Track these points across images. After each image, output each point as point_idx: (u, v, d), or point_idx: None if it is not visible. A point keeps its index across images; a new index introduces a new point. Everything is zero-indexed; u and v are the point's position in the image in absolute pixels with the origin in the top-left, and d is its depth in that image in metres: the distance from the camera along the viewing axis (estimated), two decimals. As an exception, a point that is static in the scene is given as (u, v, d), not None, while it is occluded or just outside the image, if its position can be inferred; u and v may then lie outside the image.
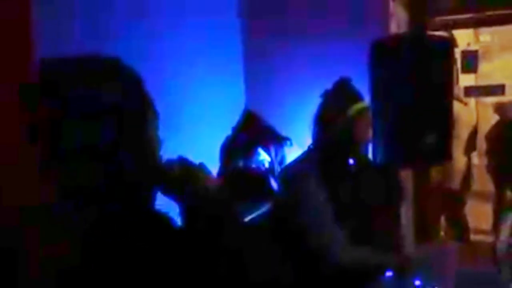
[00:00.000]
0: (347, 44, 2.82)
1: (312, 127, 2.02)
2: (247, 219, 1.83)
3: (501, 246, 1.87)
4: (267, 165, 2.61)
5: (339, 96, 2.02)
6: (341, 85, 2.02)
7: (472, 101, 6.15)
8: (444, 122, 2.18)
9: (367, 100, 2.01)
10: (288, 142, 2.59)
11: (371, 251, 1.83)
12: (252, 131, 2.73)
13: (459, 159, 4.67)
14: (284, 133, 2.71)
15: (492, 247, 1.91)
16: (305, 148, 2.12)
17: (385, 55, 2.13)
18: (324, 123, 2.00)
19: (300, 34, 3.04)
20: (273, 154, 2.66)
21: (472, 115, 4.90)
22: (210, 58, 2.90)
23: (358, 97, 2.00)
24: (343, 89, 2.02)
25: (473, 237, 4.96)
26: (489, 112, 6.05)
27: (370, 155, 2.39)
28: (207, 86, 2.89)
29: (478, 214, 5.53)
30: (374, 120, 2.19)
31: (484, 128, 5.59)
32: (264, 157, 2.63)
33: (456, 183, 4.68)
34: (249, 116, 2.83)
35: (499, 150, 5.24)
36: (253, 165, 2.58)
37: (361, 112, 1.96)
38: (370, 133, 1.97)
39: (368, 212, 1.93)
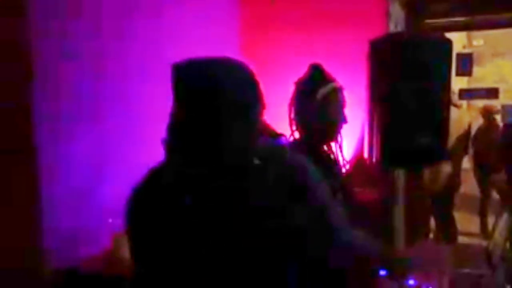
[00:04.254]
0: (345, 41, 2.81)
1: (288, 114, 1.96)
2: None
3: (495, 248, 1.86)
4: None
5: (307, 81, 1.93)
6: (310, 70, 1.97)
7: (464, 104, 6.20)
8: (440, 122, 2.17)
9: (337, 82, 1.94)
10: (283, 138, 2.56)
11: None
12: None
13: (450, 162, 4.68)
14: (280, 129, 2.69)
15: (486, 249, 1.91)
16: None
17: (384, 53, 2.12)
18: (296, 110, 1.92)
19: (293, 29, 3.03)
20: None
21: (465, 118, 4.89)
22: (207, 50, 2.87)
23: (326, 79, 1.93)
24: (311, 74, 1.96)
25: (461, 239, 4.99)
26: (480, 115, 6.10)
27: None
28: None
29: (466, 217, 5.56)
30: (370, 119, 2.18)
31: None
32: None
33: (445, 185, 4.69)
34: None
35: (483, 151, 5.30)
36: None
37: (329, 93, 1.86)
38: (341, 114, 1.90)
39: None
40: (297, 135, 1.91)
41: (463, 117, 4.85)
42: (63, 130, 1.79)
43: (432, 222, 4.91)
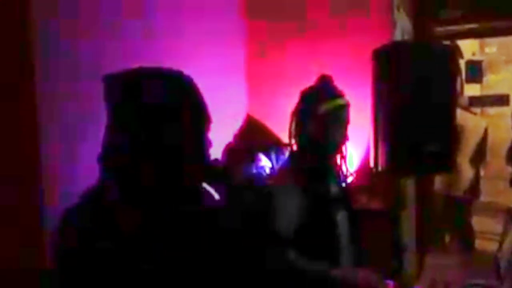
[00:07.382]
0: (350, 51, 2.81)
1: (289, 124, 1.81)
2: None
3: (504, 256, 1.83)
4: (268, 170, 2.60)
5: (312, 93, 1.78)
6: (318, 82, 1.84)
7: (477, 111, 6.12)
8: (447, 130, 2.16)
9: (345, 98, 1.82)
10: (289, 148, 2.56)
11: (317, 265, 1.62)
12: (254, 137, 2.72)
13: (467, 169, 4.63)
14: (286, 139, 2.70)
15: (495, 257, 1.88)
16: None
17: (388, 62, 2.12)
18: (296, 121, 1.77)
19: (298, 39, 3.04)
20: (274, 159, 2.64)
21: (480, 125, 4.81)
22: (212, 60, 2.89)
23: (332, 94, 1.80)
24: (318, 86, 1.83)
25: (480, 242, 4.89)
26: (493, 122, 6.00)
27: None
28: (209, 90, 2.88)
29: (485, 224, 5.48)
30: (375, 128, 2.17)
31: (490, 139, 5.54)
32: (265, 162, 2.61)
33: (462, 192, 4.64)
34: (251, 121, 2.82)
35: None
36: (254, 171, 2.56)
37: (332, 109, 1.71)
38: (342, 133, 1.78)
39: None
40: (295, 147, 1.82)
41: (479, 124, 4.79)
42: (68, 130, 1.81)
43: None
